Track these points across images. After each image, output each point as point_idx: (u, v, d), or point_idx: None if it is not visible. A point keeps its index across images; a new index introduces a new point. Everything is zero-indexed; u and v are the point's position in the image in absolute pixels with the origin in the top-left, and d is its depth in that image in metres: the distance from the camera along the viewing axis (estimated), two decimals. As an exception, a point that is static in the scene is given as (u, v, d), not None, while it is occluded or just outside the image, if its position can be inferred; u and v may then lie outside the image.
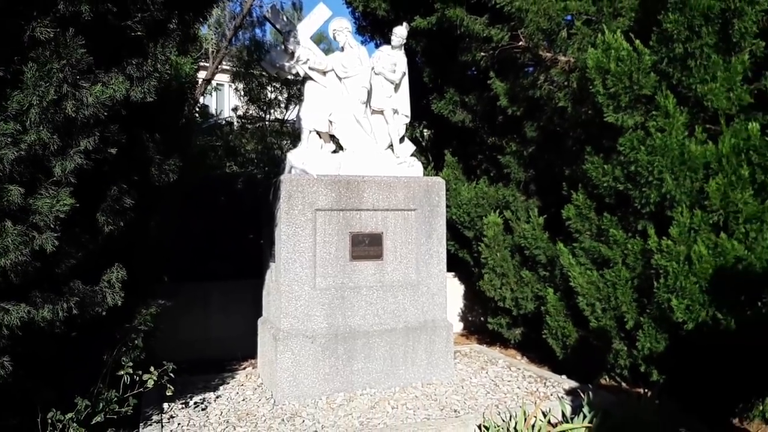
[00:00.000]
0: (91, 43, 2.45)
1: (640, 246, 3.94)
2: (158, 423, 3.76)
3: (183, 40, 2.94)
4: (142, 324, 3.38)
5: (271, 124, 12.04)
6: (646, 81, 3.52)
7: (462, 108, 5.46)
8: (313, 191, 4.34)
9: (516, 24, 4.19)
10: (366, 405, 4.16)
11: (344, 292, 4.43)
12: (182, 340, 5.28)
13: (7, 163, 2.34)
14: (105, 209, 2.90)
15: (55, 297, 2.65)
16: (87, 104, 2.45)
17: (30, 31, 2.31)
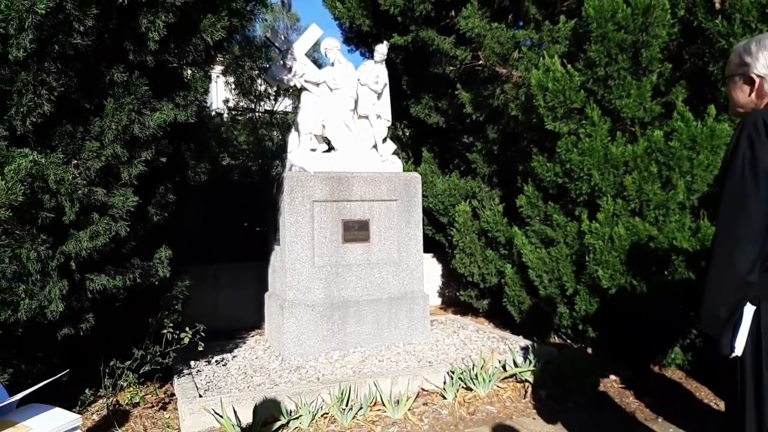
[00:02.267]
0: (151, 81, 3.32)
1: (576, 228, 4.88)
2: (189, 375, 4.66)
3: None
4: (180, 293, 4.26)
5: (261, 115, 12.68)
6: (576, 97, 4.43)
7: (436, 111, 6.35)
8: (310, 185, 5.23)
9: (476, 46, 5.08)
10: (357, 359, 5.09)
11: (338, 268, 5.34)
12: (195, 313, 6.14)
13: (93, 171, 3.21)
14: (154, 203, 3.78)
15: (123, 270, 3.53)
16: (148, 126, 3.32)
17: (110, 75, 3.17)
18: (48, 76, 2.84)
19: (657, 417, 4.16)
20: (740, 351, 2.04)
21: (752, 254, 1.97)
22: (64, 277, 3.14)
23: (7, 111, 2.84)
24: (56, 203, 2.99)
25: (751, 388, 2.05)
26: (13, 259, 2.85)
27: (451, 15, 5.52)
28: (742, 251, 1.98)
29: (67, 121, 3.09)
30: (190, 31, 3.31)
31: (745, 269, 1.98)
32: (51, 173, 2.93)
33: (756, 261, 1.99)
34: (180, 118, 3.49)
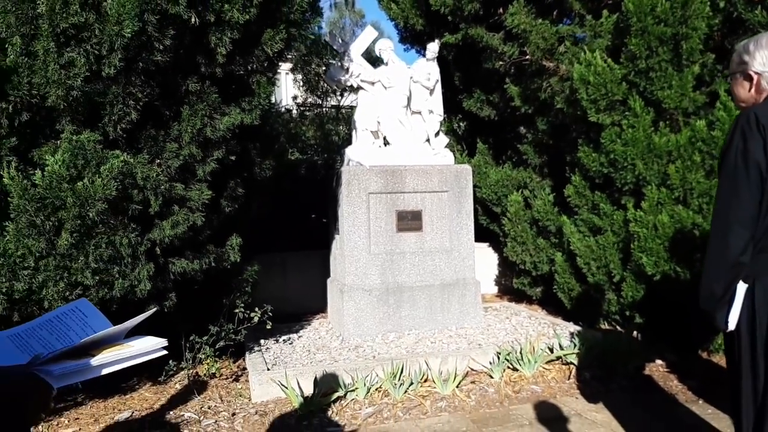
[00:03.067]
0: (220, 89, 3.78)
1: (622, 217, 5.02)
2: (259, 351, 5.16)
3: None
4: (250, 276, 4.75)
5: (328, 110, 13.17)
6: (617, 89, 4.57)
7: (488, 105, 6.58)
8: (366, 179, 5.61)
9: (523, 41, 5.28)
10: (412, 341, 5.45)
11: (393, 256, 5.71)
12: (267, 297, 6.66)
13: (173, 168, 3.71)
14: (226, 197, 4.27)
15: (200, 255, 4.03)
16: (218, 129, 3.78)
17: (185, 85, 3.65)
18: (134, 88, 3.34)
19: (698, 399, 4.28)
20: (733, 326, 2.24)
21: (744, 237, 2.18)
22: (151, 260, 3.67)
23: (101, 119, 3.36)
24: (143, 197, 3.50)
25: (747, 361, 2.24)
26: (108, 244, 3.38)
27: (499, 12, 5.74)
28: (735, 234, 2.18)
29: (151, 126, 3.59)
30: (253, 44, 3.75)
31: (738, 251, 2.18)
32: (138, 171, 3.43)
33: (748, 243, 2.18)
34: (246, 121, 3.94)
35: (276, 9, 4.03)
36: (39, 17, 2.97)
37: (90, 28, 3.06)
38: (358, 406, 4.35)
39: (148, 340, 1.36)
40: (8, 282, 3.10)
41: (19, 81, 3.03)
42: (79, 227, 3.21)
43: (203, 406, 4.34)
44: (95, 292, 3.48)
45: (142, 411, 4.27)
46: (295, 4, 4.13)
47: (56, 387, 1.22)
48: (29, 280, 3.18)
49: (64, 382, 1.22)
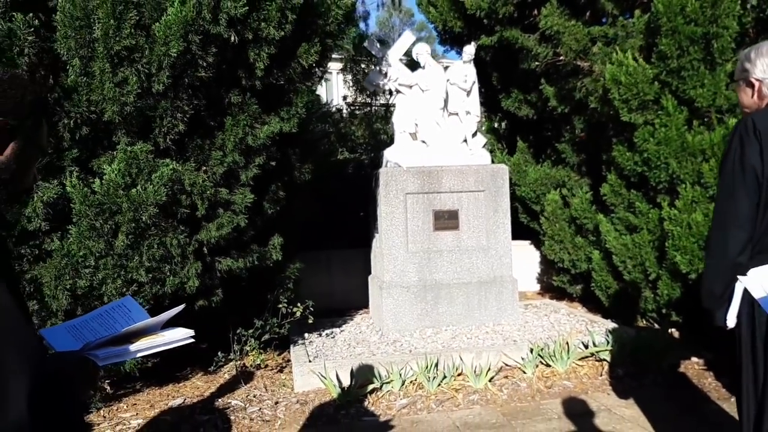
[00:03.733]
0: (260, 100, 4.05)
1: (658, 215, 5.03)
2: (302, 344, 5.45)
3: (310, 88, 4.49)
4: (292, 274, 5.04)
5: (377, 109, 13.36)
6: (649, 89, 4.59)
7: (526, 104, 6.65)
8: (403, 179, 5.81)
9: (556, 42, 5.35)
10: (448, 336, 5.61)
11: (430, 254, 5.89)
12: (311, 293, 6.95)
13: (218, 175, 4.01)
14: (268, 199, 4.55)
15: (244, 254, 4.33)
16: (259, 137, 4.06)
17: (228, 98, 3.94)
18: (181, 102, 3.65)
19: (730, 397, 4.28)
20: (732, 323, 2.32)
21: (741, 239, 2.26)
22: (199, 259, 3.99)
23: (152, 131, 3.69)
24: (191, 201, 3.82)
25: (747, 358, 2.33)
26: (160, 245, 3.71)
27: (533, 14, 5.82)
28: (732, 236, 2.28)
29: (197, 136, 3.91)
30: (289, 57, 4.01)
31: (736, 252, 2.27)
32: (186, 178, 3.75)
33: (746, 244, 2.27)
34: (285, 129, 4.20)
35: (312, 23, 4.28)
36: (95, 41, 3.31)
37: (140, 49, 3.38)
38: (393, 397, 4.56)
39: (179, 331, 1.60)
40: (72, 279, 3.47)
41: (79, 98, 3.38)
42: (134, 230, 3.55)
43: (249, 395, 4.65)
44: (149, 288, 3.82)
45: (193, 398, 4.62)
46: (330, 17, 4.37)
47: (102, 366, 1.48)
48: (90, 278, 3.54)
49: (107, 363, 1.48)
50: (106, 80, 3.35)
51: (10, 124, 1.22)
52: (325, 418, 4.30)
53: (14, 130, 1.23)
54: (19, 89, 1.24)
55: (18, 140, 1.24)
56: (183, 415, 4.29)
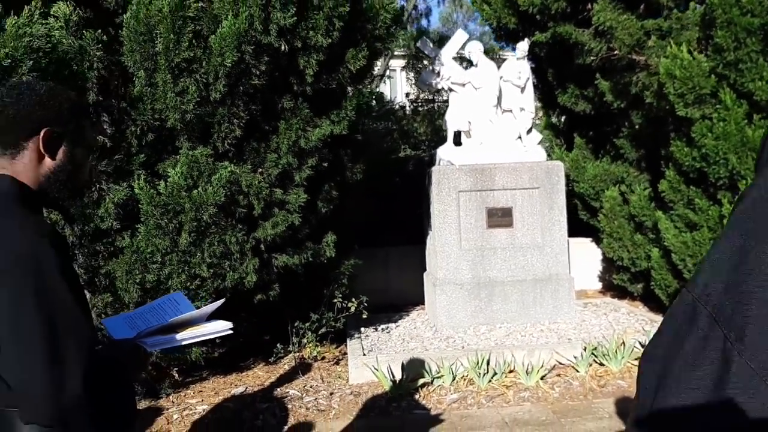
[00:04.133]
0: (311, 105, 4.24)
1: (718, 212, 4.87)
2: (358, 338, 5.62)
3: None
4: (346, 270, 5.22)
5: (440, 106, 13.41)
6: (705, 82, 4.44)
7: (583, 99, 6.55)
8: (455, 177, 5.87)
9: (610, 37, 5.26)
10: (502, 334, 5.64)
11: (483, 251, 5.92)
12: (368, 289, 7.12)
13: (273, 176, 4.23)
14: (321, 198, 4.75)
15: (299, 250, 4.54)
16: (310, 140, 4.25)
17: (281, 103, 4.15)
18: (237, 109, 3.89)
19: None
20: None
21: None
22: (256, 255, 4.22)
23: (211, 136, 3.95)
24: (248, 202, 4.06)
25: None
26: (220, 242, 3.97)
27: (587, 8, 5.73)
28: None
29: (253, 140, 4.14)
30: (338, 62, 4.17)
31: None
32: (243, 179, 3.99)
33: None
34: (335, 131, 4.38)
35: (360, 27, 4.43)
36: (158, 54, 3.59)
37: (198, 61, 3.64)
38: (444, 392, 4.66)
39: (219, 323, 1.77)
40: (141, 274, 3.77)
41: (144, 107, 3.67)
42: (196, 228, 3.82)
43: (306, 385, 4.87)
44: (211, 283, 4.09)
45: (254, 387, 4.88)
46: (379, 21, 4.50)
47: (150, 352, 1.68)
48: (157, 273, 3.84)
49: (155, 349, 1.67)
50: (168, 90, 3.63)
51: (56, 132, 1.41)
52: (377, 410, 4.45)
53: (61, 136, 1.42)
54: (56, 99, 1.43)
55: (66, 144, 1.44)
56: (245, 403, 4.56)
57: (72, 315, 1.33)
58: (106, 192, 3.62)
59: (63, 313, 1.30)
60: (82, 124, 1.48)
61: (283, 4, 3.60)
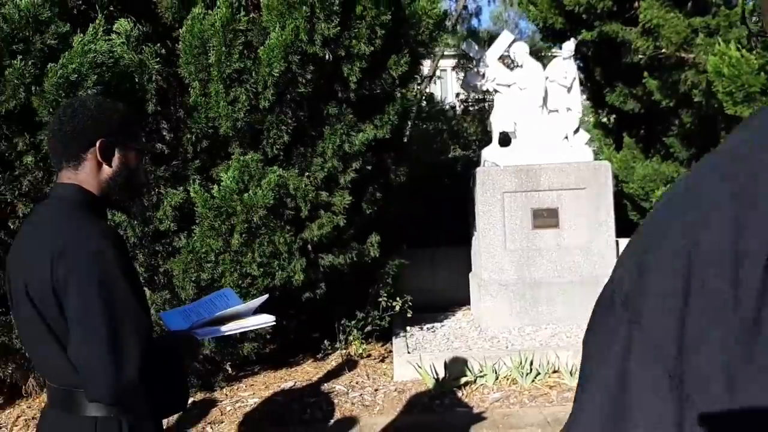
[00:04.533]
0: (354, 111, 4.40)
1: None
2: (403, 337, 5.74)
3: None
4: (391, 270, 5.35)
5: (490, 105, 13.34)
6: (754, 80, 4.34)
7: (631, 98, 6.47)
8: (500, 178, 5.91)
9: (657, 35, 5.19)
10: (548, 334, 5.65)
11: (528, 252, 5.94)
12: (415, 289, 7.23)
13: (319, 179, 4.41)
14: (366, 200, 4.90)
15: (344, 251, 4.71)
16: (354, 144, 4.41)
17: (326, 110, 4.33)
18: (285, 116, 4.08)
19: None
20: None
21: None
22: (303, 255, 4.41)
23: (261, 142, 4.16)
24: (295, 204, 4.25)
25: None
26: (269, 243, 4.17)
27: (634, 6, 5.68)
28: None
29: (301, 145, 4.33)
30: (381, 69, 4.31)
31: None
32: (291, 183, 4.18)
33: None
34: (378, 135, 4.52)
35: (403, 34, 4.55)
36: (210, 65, 3.82)
37: (248, 71, 3.85)
38: (487, 391, 4.73)
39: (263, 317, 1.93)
40: (197, 273, 4.01)
41: (199, 116, 3.91)
42: (247, 229, 4.03)
43: (352, 381, 5.03)
44: (261, 281, 4.30)
45: (302, 382, 5.08)
46: (422, 27, 4.62)
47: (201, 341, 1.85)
48: (211, 271, 4.07)
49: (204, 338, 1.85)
50: (220, 99, 3.85)
51: (109, 141, 1.59)
52: (420, 407, 4.56)
53: (114, 145, 1.60)
54: (106, 113, 1.61)
55: (119, 151, 1.62)
56: (293, 397, 4.75)
57: (130, 305, 1.50)
58: (164, 196, 3.87)
59: (122, 303, 1.48)
60: (131, 132, 1.66)
61: (327, 16, 3.77)
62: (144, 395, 1.56)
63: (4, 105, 3.27)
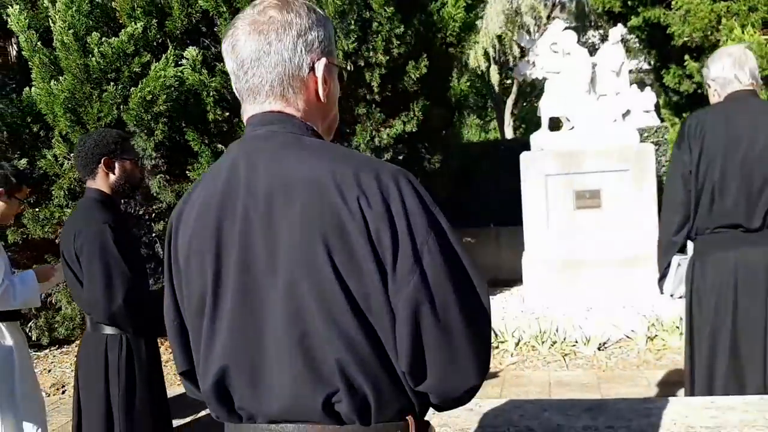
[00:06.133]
0: (383, 108, 5.11)
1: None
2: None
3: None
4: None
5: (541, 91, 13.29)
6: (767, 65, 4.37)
7: (686, 79, 6.46)
8: (543, 162, 6.28)
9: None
10: (582, 309, 5.99)
11: (571, 231, 6.28)
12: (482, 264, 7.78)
13: (354, 169, 5.19)
14: (403, 186, 5.60)
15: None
16: (383, 138, 5.12)
17: (356, 109, 5.08)
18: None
19: None
20: (668, 293, 2.69)
21: (674, 221, 2.63)
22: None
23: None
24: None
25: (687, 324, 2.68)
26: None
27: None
28: (666, 219, 2.66)
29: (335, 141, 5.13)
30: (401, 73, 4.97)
31: (670, 232, 2.65)
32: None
33: (681, 226, 2.63)
34: (406, 129, 5.19)
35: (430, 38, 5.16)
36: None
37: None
38: (507, 355, 5.29)
39: None
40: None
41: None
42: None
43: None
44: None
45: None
46: (448, 29, 5.19)
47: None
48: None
49: None
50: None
51: (111, 157, 2.50)
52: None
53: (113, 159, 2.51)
54: (105, 139, 2.52)
55: (118, 163, 2.52)
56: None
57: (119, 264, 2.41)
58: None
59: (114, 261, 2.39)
60: (124, 148, 2.57)
61: (345, 34, 4.51)
62: (137, 321, 2.48)
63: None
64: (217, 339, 1.05)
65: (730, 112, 2.53)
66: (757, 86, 2.58)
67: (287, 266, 0.98)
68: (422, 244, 0.98)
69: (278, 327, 1.00)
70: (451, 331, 0.99)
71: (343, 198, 0.96)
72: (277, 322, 1.00)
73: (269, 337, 1.01)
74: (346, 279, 0.96)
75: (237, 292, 1.03)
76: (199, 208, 1.09)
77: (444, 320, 0.98)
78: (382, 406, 1.00)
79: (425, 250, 0.98)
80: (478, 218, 7.91)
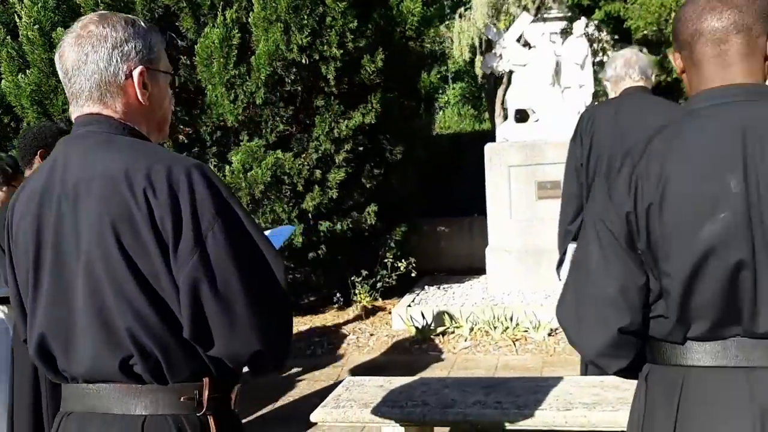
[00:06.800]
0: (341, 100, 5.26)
1: None
2: (416, 294, 6.54)
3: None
4: (394, 236, 6.20)
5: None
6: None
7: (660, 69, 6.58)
8: (506, 153, 6.43)
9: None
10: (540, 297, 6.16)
11: (532, 221, 6.42)
12: (451, 254, 7.97)
13: (314, 159, 5.36)
14: (365, 176, 5.77)
15: (343, 218, 5.64)
16: (342, 129, 5.28)
17: (315, 101, 5.24)
18: (278, 109, 5.08)
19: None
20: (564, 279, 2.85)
21: (569, 212, 2.80)
22: (302, 222, 5.42)
23: (262, 131, 5.20)
24: (291, 181, 5.26)
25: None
26: (271, 212, 5.23)
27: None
28: (563, 209, 2.83)
29: (297, 131, 5.31)
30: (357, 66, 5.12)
31: (566, 222, 2.81)
32: (287, 164, 5.19)
33: (575, 215, 2.79)
34: (365, 121, 5.35)
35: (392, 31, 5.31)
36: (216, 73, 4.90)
37: (243, 76, 4.88)
38: (461, 340, 5.47)
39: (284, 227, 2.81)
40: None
41: (212, 112, 5.04)
42: (251, 201, 5.13)
43: (356, 328, 6.01)
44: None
45: (317, 326, 6.15)
46: (407, 23, 5.34)
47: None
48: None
49: None
50: (224, 99, 4.94)
51: (47, 149, 2.68)
52: (401, 349, 5.45)
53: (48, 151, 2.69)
54: (44, 132, 2.70)
55: None
56: (301, 337, 5.85)
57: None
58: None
59: None
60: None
61: (298, 28, 4.67)
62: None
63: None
64: (38, 309, 1.24)
65: (620, 107, 2.69)
66: (648, 82, 2.73)
67: (86, 248, 1.16)
68: (207, 229, 1.14)
69: (81, 300, 1.18)
70: (230, 303, 1.13)
71: (132, 190, 1.14)
72: (81, 296, 1.18)
73: (76, 309, 1.19)
74: (135, 259, 1.14)
75: (52, 270, 1.21)
76: (27, 197, 1.27)
77: (224, 293, 1.13)
78: (174, 369, 1.18)
79: (209, 234, 1.14)
80: (463, 208, 8.04)
